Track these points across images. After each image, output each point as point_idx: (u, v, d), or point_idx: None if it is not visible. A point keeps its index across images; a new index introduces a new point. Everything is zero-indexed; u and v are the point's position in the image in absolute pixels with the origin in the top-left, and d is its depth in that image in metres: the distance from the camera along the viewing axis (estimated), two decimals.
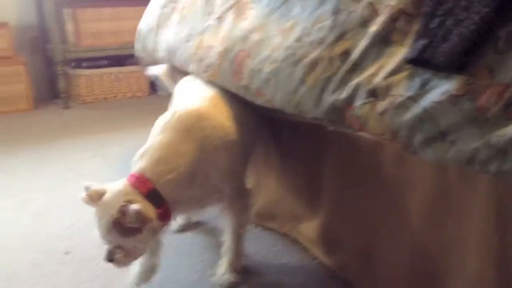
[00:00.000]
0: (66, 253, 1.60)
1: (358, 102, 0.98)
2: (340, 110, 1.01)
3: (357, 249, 1.38)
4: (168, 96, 1.68)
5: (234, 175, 1.34)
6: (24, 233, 1.75)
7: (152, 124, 1.31)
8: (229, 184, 1.32)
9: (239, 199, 1.38)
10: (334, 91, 1.02)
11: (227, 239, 1.42)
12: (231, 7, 1.42)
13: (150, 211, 1.13)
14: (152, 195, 1.15)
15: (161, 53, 1.76)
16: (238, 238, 1.41)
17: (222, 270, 1.41)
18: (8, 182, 2.23)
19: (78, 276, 1.47)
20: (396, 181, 1.22)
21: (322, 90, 1.04)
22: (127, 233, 1.11)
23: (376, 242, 1.32)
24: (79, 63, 3.79)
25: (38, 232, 1.75)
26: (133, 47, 2.09)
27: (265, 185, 1.69)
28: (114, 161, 2.45)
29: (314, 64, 1.07)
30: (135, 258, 1.21)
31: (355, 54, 1.01)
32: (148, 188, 1.15)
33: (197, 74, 1.47)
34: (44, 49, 3.83)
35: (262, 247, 1.61)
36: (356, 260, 1.38)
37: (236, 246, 1.42)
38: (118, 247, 1.14)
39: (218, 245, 1.47)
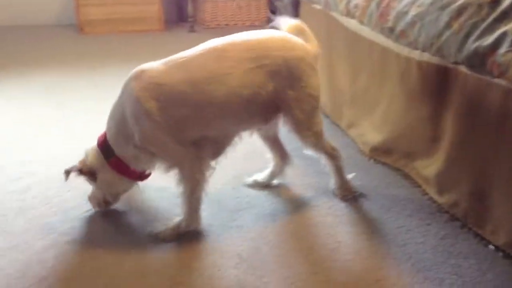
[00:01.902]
0: None
1: (502, 50, 1.03)
2: (482, 56, 1.08)
3: (471, 190, 1.46)
4: None
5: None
6: None
7: None
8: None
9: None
10: (479, 37, 1.08)
11: None
12: None
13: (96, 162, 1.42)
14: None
15: None
16: None
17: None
18: None
19: None
20: None
21: (467, 36, 1.10)
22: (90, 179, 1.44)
23: (491, 186, 1.39)
24: None
25: None
26: None
27: (384, 122, 1.79)
28: None
29: (461, 10, 1.12)
30: (97, 202, 1.49)
31: (506, 2, 1.05)
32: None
33: (343, 15, 1.55)
34: None
35: (373, 178, 1.75)
36: (468, 200, 1.46)
37: None
38: None
39: None
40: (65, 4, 3.98)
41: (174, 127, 1.29)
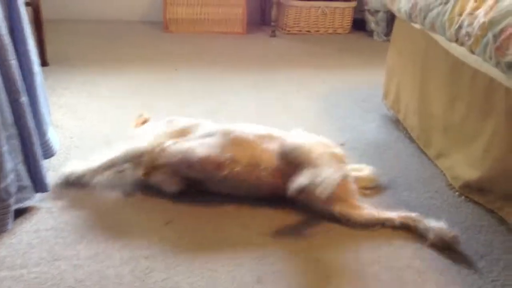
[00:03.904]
0: None
1: None
2: None
3: None
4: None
5: None
6: None
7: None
8: None
9: None
10: None
11: None
12: None
13: None
14: None
15: (402, 6, 1.74)
16: None
17: None
18: (224, 100, 2.52)
19: None
20: None
21: None
22: None
23: None
24: None
25: None
26: None
27: (483, 158, 1.64)
28: (316, 98, 2.57)
29: None
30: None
31: None
32: None
33: (451, 41, 1.43)
34: None
35: (465, 219, 1.59)
36: None
37: None
38: None
39: None
40: (153, 2, 4.07)
41: None
